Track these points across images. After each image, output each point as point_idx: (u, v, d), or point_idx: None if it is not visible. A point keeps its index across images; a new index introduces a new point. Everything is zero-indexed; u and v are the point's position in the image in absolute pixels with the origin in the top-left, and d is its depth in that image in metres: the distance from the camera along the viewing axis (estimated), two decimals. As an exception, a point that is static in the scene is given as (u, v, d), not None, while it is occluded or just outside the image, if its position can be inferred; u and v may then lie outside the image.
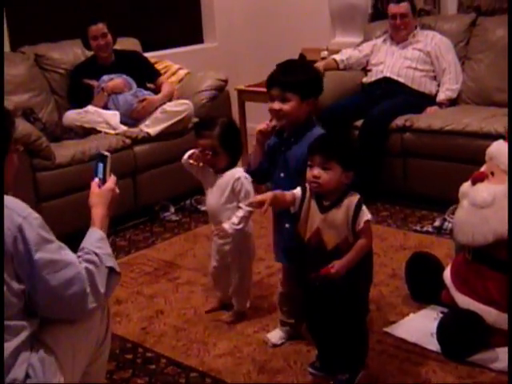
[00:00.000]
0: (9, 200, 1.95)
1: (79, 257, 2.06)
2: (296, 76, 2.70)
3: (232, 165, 3.07)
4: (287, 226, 2.79)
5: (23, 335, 1.95)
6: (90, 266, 2.04)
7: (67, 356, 2.06)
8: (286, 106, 2.69)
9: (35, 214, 1.96)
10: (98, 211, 2.26)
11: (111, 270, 2.11)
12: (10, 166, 2.06)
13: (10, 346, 1.92)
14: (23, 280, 1.93)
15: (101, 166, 2.35)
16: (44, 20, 5.23)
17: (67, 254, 2.01)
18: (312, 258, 2.54)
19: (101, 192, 2.30)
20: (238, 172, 3.04)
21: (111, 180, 2.34)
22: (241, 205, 3.02)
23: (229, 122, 3.14)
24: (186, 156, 3.11)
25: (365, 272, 2.59)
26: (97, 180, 2.34)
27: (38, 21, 5.21)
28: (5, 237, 1.88)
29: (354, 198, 2.51)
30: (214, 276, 3.28)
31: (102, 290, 2.05)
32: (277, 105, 2.70)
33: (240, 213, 3.01)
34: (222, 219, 3.07)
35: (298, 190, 2.58)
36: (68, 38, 4.98)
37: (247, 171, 2.94)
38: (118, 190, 2.34)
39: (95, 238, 2.16)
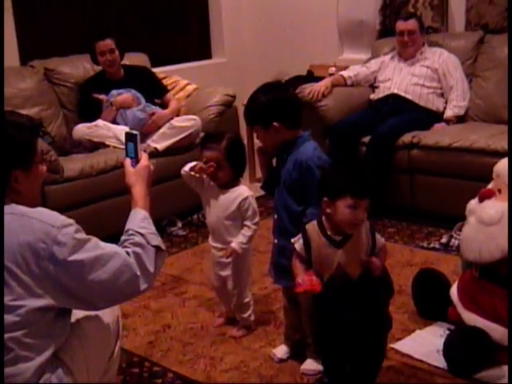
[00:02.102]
0: (38, 212, 1.96)
1: (125, 240, 2.08)
2: (250, 109, 2.80)
3: (234, 180, 3.09)
4: (275, 241, 2.86)
5: (46, 354, 1.95)
6: (137, 249, 2.05)
7: (82, 373, 2.07)
8: (258, 137, 2.83)
9: (67, 221, 1.97)
10: (138, 190, 2.25)
11: (157, 248, 2.11)
12: (36, 177, 2.07)
13: (33, 364, 1.92)
14: (72, 287, 1.93)
15: (131, 145, 2.35)
16: (54, 34, 5.28)
17: (107, 246, 2.02)
18: (338, 292, 2.47)
19: (137, 171, 2.29)
20: (246, 191, 3.07)
21: (144, 157, 2.34)
22: (248, 223, 3.05)
23: (236, 138, 3.18)
24: (186, 168, 3.12)
25: (386, 288, 2.61)
26: (129, 160, 2.34)
27: (48, 35, 5.25)
28: (39, 250, 1.87)
29: (365, 224, 2.50)
30: (217, 291, 3.30)
31: (152, 270, 2.06)
32: (256, 135, 2.85)
33: (248, 232, 3.06)
34: (222, 234, 3.10)
35: (296, 241, 2.54)
36: (78, 52, 5.02)
37: (261, 187, 2.98)
38: (152, 167, 2.34)
39: (139, 218, 2.16)
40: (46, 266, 1.88)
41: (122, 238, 2.11)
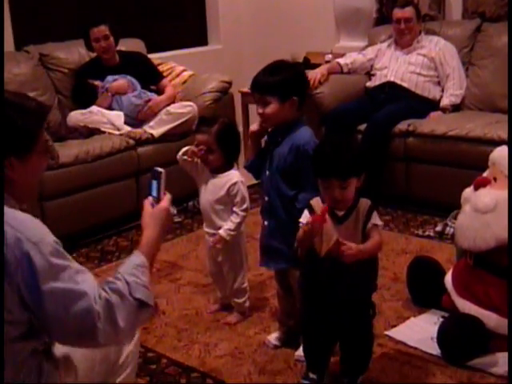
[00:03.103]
0: (21, 220, 1.76)
1: (108, 283, 1.85)
2: (273, 78, 2.70)
3: (226, 165, 3.09)
4: (265, 223, 2.85)
5: (25, 354, 1.82)
6: (113, 298, 1.81)
7: (85, 365, 2.01)
8: (267, 110, 2.71)
9: (48, 239, 1.76)
10: (149, 233, 2.03)
11: (141, 302, 1.87)
12: (33, 168, 1.87)
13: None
14: (34, 310, 1.75)
15: (154, 183, 2.15)
16: (49, 19, 5.25)
17: (83, 282, 1.78)
18: (331, 270, 2.46)
19: (154, 212, 2.08)
20: (236, 176, 3.07)
21: (166, 199, 2.12)
22: (236, 210, 3.05)
23: (228, 123, 3.16)
24: (180, 153, 3.13)
25: (374, 277, 2.60)
26: (150, 199, 2.13)
27: (43, 20, 5.22)
28: (10, 265, 1.69)
29: (366, 203, 2.50)
30: (213, 277, 3.31)
31: (122, 325, 1.80)
32: (259, 109, 2.73)
33: (236, 219, 3.05)
34: (213, 218, 3.11)
35: (305, 216, 2.51)
36: (73, 37, 4.99)
37: (245, 166, 2.96)
38: (174, 211, 2.16)
39: (133, 264, 1.93)
40: (13, 280, 1.71)
41: (108, 278, 1.89)
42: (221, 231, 3.05)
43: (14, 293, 1.72)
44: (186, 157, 3.11)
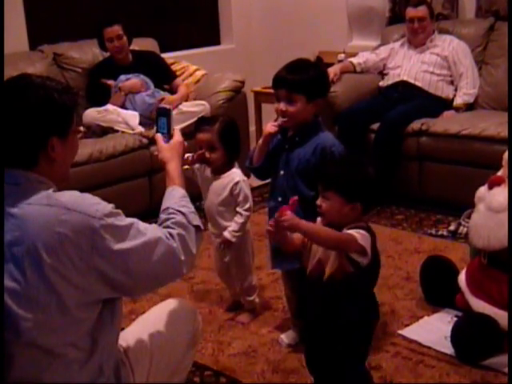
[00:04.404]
0: (75, 202, 1.81)
1: (166, 219, 1.98)
2: (302, 76, 2.65)
3: (228, 164, 3.06)
4: None
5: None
6: (181, 230, 1.94)
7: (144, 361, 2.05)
8: (293, 108, 2.66)
9: (106, 208, 1.84)
10: (175, 167, 2.17)
11: (197, 227, 2.01)
12: (72, 147, 1.93)
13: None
14: (116, 278, 1.80)
15: (164, 120, 2.28)
16: (63, 19, 5.27)
17: (147, 229, 1.87)
18: (311, 289, 2.38)
19: (172, 146, 2.21)
20: (237, 176, 3.03)
21: (177, 133, 2.26)
22: (239, 210, 3.02)
23: (230, 120, 3.12)
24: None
25: (363, 309, 2.34)
26: (160, 135, 2.26)
27: (58, 20, 5.24)
28: (81, 245, 1.74)
29: (355, 225, 2.29)
30: (221, 276, 3.31)
31: (194, 251, 1.96)
32: (283, 106, 2.68)
33: (240, 219, 3.03)
34: (217, 220, 3.09)
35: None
36: (87, 37, 5.01)
37: (248, 167, 2.89)
38: (186, 143, 2.27)
39: (178, 196, 2.07)
40: (90, 259, 1.75)
41: (162, 216, 2.01)
42: (225, 233, 3.03)
43: (91, 271, 1.76)
44: (186, 166, 3.03)
